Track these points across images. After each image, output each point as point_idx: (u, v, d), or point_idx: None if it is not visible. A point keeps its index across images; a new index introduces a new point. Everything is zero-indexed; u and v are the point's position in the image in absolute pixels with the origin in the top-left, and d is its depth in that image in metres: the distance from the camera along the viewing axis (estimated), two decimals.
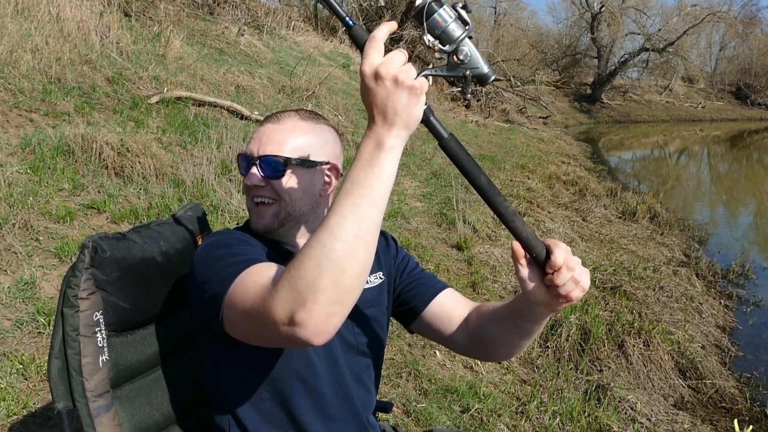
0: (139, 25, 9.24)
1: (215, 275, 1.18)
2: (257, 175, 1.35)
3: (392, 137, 1.03)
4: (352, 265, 0.98)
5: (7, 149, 4.68)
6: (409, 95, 1.02)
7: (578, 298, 1.19)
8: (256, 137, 1.38)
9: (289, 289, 0.98)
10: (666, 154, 22.34)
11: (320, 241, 0.98)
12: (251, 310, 1.07)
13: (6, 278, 3.31)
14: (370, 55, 1.04)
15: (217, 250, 1.25)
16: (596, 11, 33.06)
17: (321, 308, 0.96)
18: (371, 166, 1.01)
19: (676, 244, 7.80)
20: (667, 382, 4.27)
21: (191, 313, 1.33)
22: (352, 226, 0.98)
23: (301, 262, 0.98)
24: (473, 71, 1.11)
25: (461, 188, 7.16)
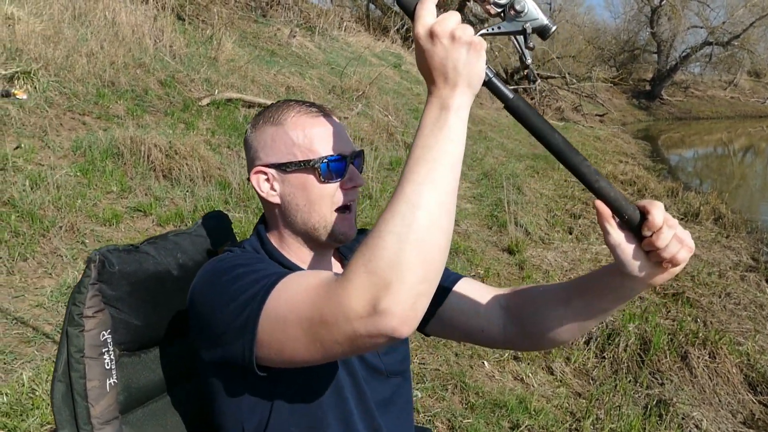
0: (192, 29, 9.36)
1: (235, 300, 1.03)
2: (358, 173, 1.23)
3: (457, 97, 0.95)
4: (438, 235, 0.89)
5: (59, 152, 4.75)
6: (468, 51, 0.95)
7: (685, 260, 1.03)
8: (334, 134, 1.22)
9: (366, 274, 0.87)
10: (730, 152, 21.49)
11: (398, 212, 0.89)
12: (307, 318, 0.94)
13: (50, 282, 3.33)
14: (422, 16, 0.99)
15: (228, 273, 1.09)
16: (656, 5, 32.06)
17: (409, 289, 0.86)
18: (440, 129, 0.94)
19: (743, 247, 7.39)
20: (736, 397, 3.99)
21: (197, 355, 1.15)
22: (431, 193, 0.90)
23: (377, 239, 0.88)
24: (533, 23, 1.02)
25: (513, 189, 6.96)
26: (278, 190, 1.22)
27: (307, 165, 1.18)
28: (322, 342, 0.94)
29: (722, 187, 12.84)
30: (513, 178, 7.84)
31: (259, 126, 1.25)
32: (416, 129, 0.96)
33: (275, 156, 1.21)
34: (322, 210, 1.20)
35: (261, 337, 0.99)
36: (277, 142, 1.21)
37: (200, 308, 1.09)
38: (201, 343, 1.11)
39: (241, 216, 4.75)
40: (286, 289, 1.00)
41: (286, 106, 1.24)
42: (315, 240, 1.24)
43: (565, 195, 8.08)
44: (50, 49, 5.96)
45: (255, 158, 1.24)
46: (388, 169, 7.18)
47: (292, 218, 1.22)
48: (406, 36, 18.53)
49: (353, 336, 0.89)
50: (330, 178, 1.19)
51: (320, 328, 0.92)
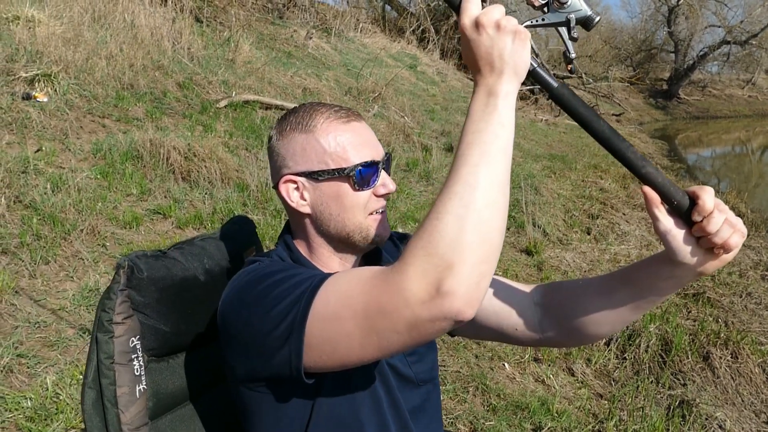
0: (209, 31, 9.41)
1: (275, 306, 1.00)
2: (390, 179, 1.22)
3: (504, 84, 0.98)
4: (495, 215, 0.90)
5: (79, 155, 4.78)
6: (513, 40, 0.98)
7: (737, 246, 1.02)
8: (366, 140, 1.19)
9: (426, 257, 0.86)
10: (749, 151, 21.23)
11: (456, 194, 0.90)
12: (363, 310, 0.92)
13: (72, 285, 3.35)
14: (468, 8, 1.00)
15: (264, 281, 1.05)
16: (673, 4, 31.76)
17: (471, 269, 0.86)
18: (490, 114, 0.96)
19: (763, 246, 7.28)
20: (759, 397, 3.94)
21: (231, 371, 1.12)
22: (486, 174, 0.91)
23: (436, 221, 0.89)
24: (577, 14, 1.05)
25: (530, 190, 6.92)
26: (308, 200, 1.19)
27: (341, 173, 1.16)
28: (379, 334, 0.92)
29: (741, 186, 12.68)
30: (530, 178, 7.79)
31: (286, 133, 1.20)
32: (465, 118, 0.98)
33: (306, 164, 1.17)
34: (357, 217, 1.18)
35: (309, 339, 0.97)
36: (307, 150, 1.17)
37: (235, 322, 1.06)
38: (237, 359, 1.08)
39: (259, 218, 4.76)
40: (334, 286, 0.98)
41: (313, 110, 1.20)
42: (350, 246, 1.22)
43: (583, 195, 8.02)
44: (70, 51, 6.01)
45: (283, 166, 1.20)
46: (405, 171, 7.17)
47: (325, 227, 1.20)
48: (421, 37, 18.51)
49: (415, 322, 0.88)
50: (364, 185, 1.17)
51: (378, 318, 0.91)
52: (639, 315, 1.18)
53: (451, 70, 17.40)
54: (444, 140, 9.45)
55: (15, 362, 2.74)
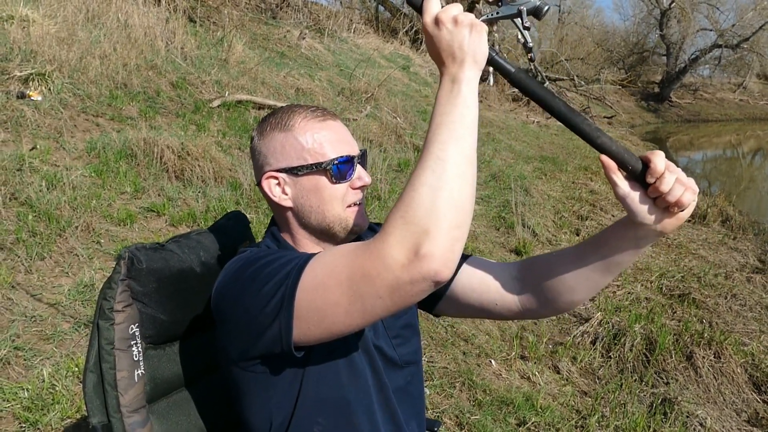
0: (203, 31, 9.44)
1: (267, 283, 1.08)
2: (366, 172, 1.31)
3: (465, 71, 1.07)
4: (465, 185, 1.00)
5: (73, 153, 4.83)
6: (470, 32, 1.07)
7: (691, 202, 1.12)
8: (341, 137, 1.29)
9: (404, 225, 0.97)
10: (739, 154, 21.40)
11: (428, 167, 1.00)
12: (347, 278, 1.01)
13: (67, 280, 3.40)
14: (428, 7, 1.11)
15: (255, 263, 1.13)
16: (666, 7, 31.96)
17: (445, 233, 0.96)
18: (455, 98, 1.06)
19: (749, 249, 7.41)
20: (740, 396, 4.03)
21: (224, 353, 1.19)
22: (455, 149, 1.01)
23: (412, 193, 0.99)
24: (527, 5, 1.14)
25: (520, 191, 7.00)
26: (290, 194, 1.27)
27: (319, 167, 1.24)
28: (364, 299, 1.01)
29: (731, 189, 12.82)
30: (521, 179, 7.88)
31: (266, 132, 1.29)
32: (433, 106, 1.08)
33: (286, 161, 1.26)
34: (336, 209, 1.27)
35: (298, 312, 1.05)
36: (286, 148, 1.26)
37: (228, 303, 1.14)
38: (230, 339, 1.16)
39: (252, 216, 4.82)
40: (320, 261, 1.07)
41: (291, 111, 1.29)
42: (331, 237, 1.30)
43: (573, 197, 8.11)
44: (64, 51, 6.05)
45: (264, 164, 1.29)
46: (397, 171, 7.24)
47: (306, 219, 1.28)
48: (414, 38, 18.58)
49: (396, 285, 0.97)
50: (340, 178, 1.26)
51: (362, 284, 1.00)
52: (609, 278, 1.27)
53: None
54: None
55: (12, 354, 2.79)
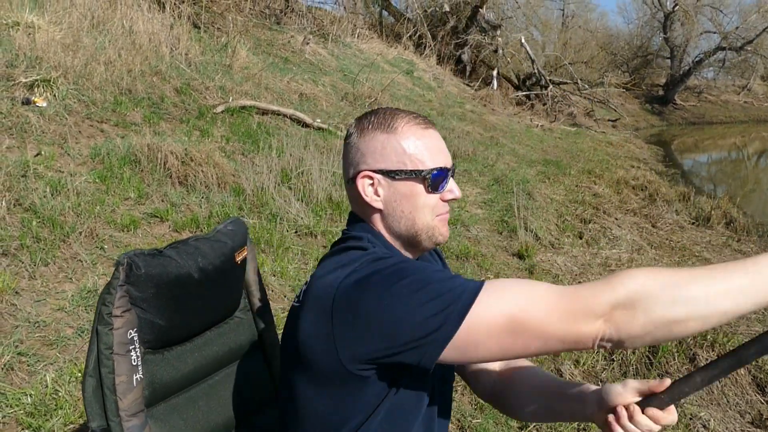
0: (207, 36, 9.49)
1: (430, 300, 1.05)
2: (457, 186, 1.31)
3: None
4: (696, 326, 0.99)
5: (78, 159, 4.86)
6: None
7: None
8: (440, 147, 1.28)
9: (634, 291, 0.98)
10: (744, 156, 21.34)
11: (709, 286, 0.98)
12: (538, 317, 1.03)
13: (71, 286, 3.43)
14: None
15: (411, 273, 1.09)
16: (669, 10, 31.96)
17: (641, 328, 0.98)
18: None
19: (754, 251, 7.38)
20: (744, 398, 4.02)
21: (330, 348, 1.11)
22: (728, 302, 0.98)
23: (673, 276, 0.99)
24: None
25: (523, 195, 7.01)
26: (382, 196, 1.25)
27: (418, 175, 1.23)
28: (544, 335, 1.03)
29: (735, 191, 12.79)
30: (524, 183, 7.89)
31: (367, 130, 1.27)
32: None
33: (384, 162, 1.24)
34: (426, 217, 1.25)
35: (456, 339, 1.04)
36: (387, 149, 1.24)
37: (371, 310, 1.07)
38: (351, 338, 1.09)
39: (254, 222, 4.85)
40: (502, 291, 1.07)
41: (394, 113, 1.28)
42: (415, 244, 1.29)
43: (576, 200, 8.11)
44: (69, 57, 6.09)
45: (361, 162, 1.26)
46: None
47: (395, 224, 1.26)
48: (418, 43, 18.63)
49: (580, 334, 1.01)
50: (435, 188, 1.25)
51: (557, 321, 1.02)
52: (551, 421, 1.35)
53: (447, 76, 17.51)
54: None
55: (15, 360, 2.82)
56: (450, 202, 1.29)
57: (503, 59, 19.86)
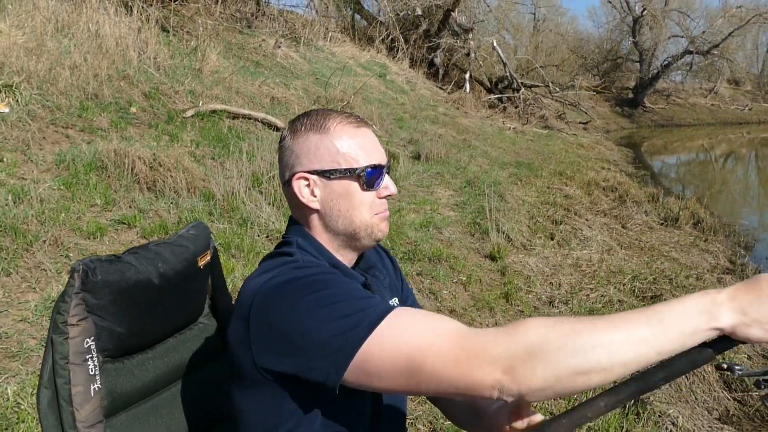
0: (176, 40, 9.39)
1: (331, 321, 1.03)
2: (392, 182, 1.31)
3: (728, 317, 0.92)
4: (599, 378, 0.91)
5: (42, 165, 4.76)
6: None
7: None
8: (374, 145, 1.28)
9: (530, 344, 0.92)
10: (712, 158, 21.74)
11: (606, 335, 0.91)
12: (431, 358, 0.97)
13: (34, 296, 3.34)
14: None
15: (317, 290, 1.09)
16: (638, 15, 32.49)
17: (542, 382, 0.91)
18: (678, 317, 0.92)
19: (720, 250, 7.50)
20: (711, 394, 4.07)
21: (247, 355, 1.11)
22: (631, 353, 0.91)
23: (568, 331, 0.92)
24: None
25: (495, 197, 7.04)
26: (319, 196, 1.26)
27: (352, 173, 1.24)
28: (436, 378, 0.98)
29: (703, 192, 13.02)
30: (495, 185, 7.92)
31: (300, 132, 1.27)
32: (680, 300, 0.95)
33: (319, 163, 1.25)
34: (364, 215, 1.26)
35: (357, 363, 1.01)
36: (321, 150, 1.25)
37: (280, 318, 1.08)
38: (267, 351, 1.09)
39: (225, 227, 4.79)
40: (404, 324, 1.03)
41: (327, 114, 1.28)
42: (354, 242, 1.29)
43: (547, 202, 8.17)
44: (33, 61, 5.97)
45: (296, 164, 1.27)
46: None
47: (334, 223, 1.27)
48: (391, 46, 18.65)
49: (475, 383, 0.94)
50: (370, 186, 1.26)
51: (448, 366, 0.96)
52: None
53: (420, 79, 17.56)
54: (412, 148, 9.56)
55: None
56: (388, 199, 1.31)
57: (475, 62, 19.98)
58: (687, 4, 34.69)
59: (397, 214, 6.21)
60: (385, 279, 1.43)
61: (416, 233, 5.77)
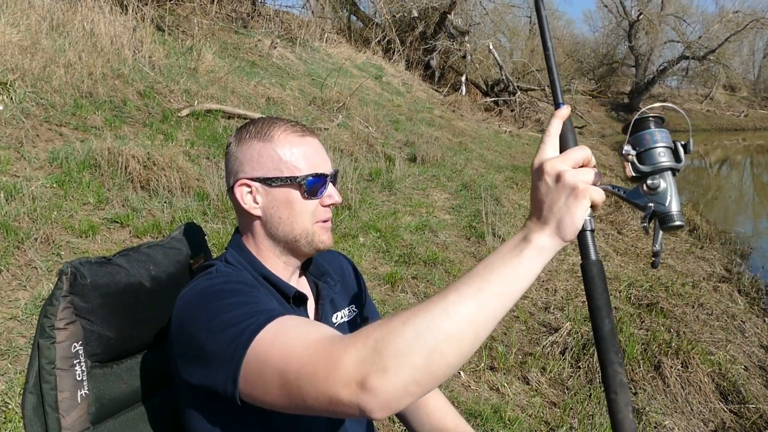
0: (171, 39, 9.34)
1: (225, 330, 1.01)
2: (337, 191, 1.32)
3: (542, 236, 0.92)
4: (453, 351, 0.86)
5: (35, 163, 4.72)
6: (568, 197, 0.92)
7: None
8: (318, 154, 1.29)
9: (371, 349, 0.86)
10: (707, 164, 21.81)
11: (429, 312, 0.87)
12: (294, 370, 0.92)
13: (24, 294, 3.30)
14: (541, 149, 0.98)
15: (220, 298, 1.09)
16: (634, 19, 32.63)
17: (400, 382, 0.84)
18: (511, 256, 0.91)
19: (716, 258, 7.50)
20: (707, 406, 4.05)
21: (176, 371, 1.13)
22: (469, 310, 0.87)
23: (397, 325, 0.87)
24: (658, 207, 0.95)
25: (491, 200, 7.01)
26: (260, 203, 1.28)
27: (293, 181, 1.25)
28: (302, 393, 0.92)
29: (698, 198, 13.04)
30: (492, 189, 7.90)
31: (245, 140, 1.29)
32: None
33: (261, 170, 1.26)
34: (304, 223, 1.27)
35: (245, 373, 0.98)
36: (263, 157, 1.26)
37: (188, 329, 1.08)
38: (184, 363, 1.10)
39: (219, 227, 4.75)
40: (280, 332, 0.98)
41: (272, 122, 1.29)
42: (295, 249, 1.30)
43: None
44: (27, 59, 5.92)
45: (239, 171, 1.28)
46: (368, 180, 7.22)
47: (274, 230, 1.28)
48: (387, 48, 18.64)
49: (334, 399, 0.88)
50: (312, 194, 1.27)
51: (308, 378, 0.90)
52: None
53: (416, 81, 17.55)
54: (408, 150, 9.53)
55: None
56: (332, 207, 1.32)
57: (471, 65, 19.98)
58: (683, 8, 34.88)
59: (392, 216, 6.18)
60: (336, 285, 1.42)
61: (412, 236, 5.74)
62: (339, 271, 1.49)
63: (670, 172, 0.96)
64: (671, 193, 0.94)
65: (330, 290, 1.39)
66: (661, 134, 0.98)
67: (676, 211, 0.94)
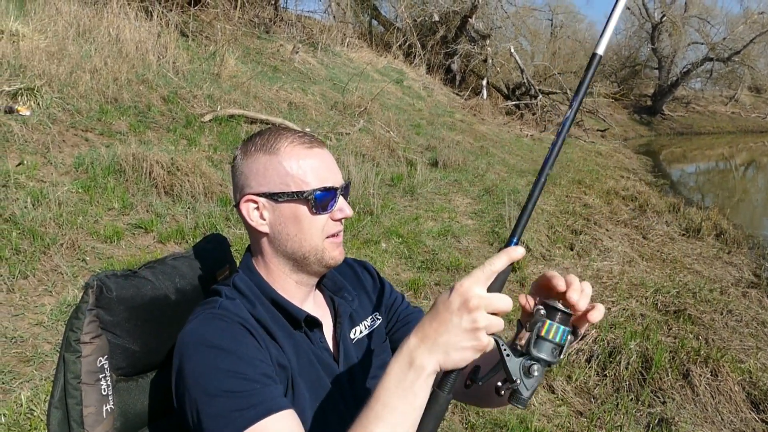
0: (195, 45, 9.41)
1: (216, 397, 1.04)
2: (347, 205, 1.26)
3: (431, 362, 0.92)
4: None
5: (61, 168, 4.76)
6: (465, 330, 0.90)
7: None
8: (327, 167, 1.23)
9: None
10: (732, 167, 21.47)
11: None
12: None
13: (50, 300, 3.32)
14: (475, 277, 0.93)
15: (217, 356, 1.08)
16: (657, 21, 32.22)
17: None
18: (403, 391, 0.93)
19: (744, 263, 7.35)
20: (738, 415, 3.95)
21: (173, 396, 1.14)
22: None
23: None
24: (521, 387, 0.95)
25: (514, 205, 6.95)
26: (268, 219, 1.22)
27: (300, 196, 1.19)
28: None
29: (724, 202, 12.83)
30: (514, 194, 7.84)
31: (250, 153, 1.23)
32: (383, 375, 0.95)
33: (267, 185, 1.21)
34: (313, 239, 1.22)
35: None
36: (270, 171, 1.20)
37: (185, 383, 1.08)
38: (178, 404, 1.11)
39: (242, 233, 4.76)
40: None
41: (278, 134, 1.23)
42: (305, 267, 1.25)
43: (567, 211, 8.06)
44: (54, 65, 6.00)
45: (245, 186, 1.23)
46: (390, 185, 7.20)
47: (282, 247, 1.23)
48: (408, 52, 18.63)
49: None
50: (321, 209, 1.21)
51: None
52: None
53: (437, 85, 17.52)
54: (429, 155, 9.50)
55: None
56: (342, 222, 1.26)
57: (493, 69, 19.89)
58: (707, 10, 34.33)
59: (414, 221, 6.15)
60: (354, 300, 1.37)
61: (434, 242, 5.70)
62: (356, 283, 1.43)
63: (543, 367, 0.95)
64: (537, 381, 0.96)
65: (348, 306, 1.34)
66: (558, 330, 0.96)
67: (527, 396, 0.95)
